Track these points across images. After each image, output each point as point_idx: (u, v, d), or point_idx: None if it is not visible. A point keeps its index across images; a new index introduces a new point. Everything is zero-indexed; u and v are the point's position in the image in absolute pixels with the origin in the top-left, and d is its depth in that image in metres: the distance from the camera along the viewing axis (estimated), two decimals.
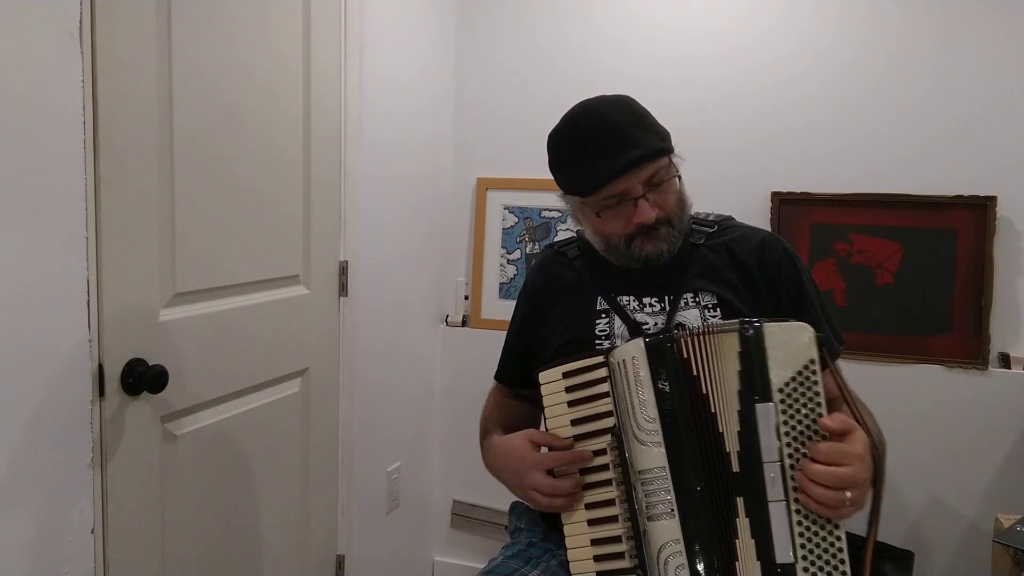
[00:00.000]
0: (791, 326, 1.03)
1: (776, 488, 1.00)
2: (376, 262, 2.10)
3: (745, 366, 1.03)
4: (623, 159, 1.17)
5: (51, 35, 1.16)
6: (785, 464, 1.00)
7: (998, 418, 2.02)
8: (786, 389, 1.01)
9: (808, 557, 0.99)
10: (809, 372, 1.00)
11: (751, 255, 1.28)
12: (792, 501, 1.00)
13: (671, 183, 1.23)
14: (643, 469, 1.06)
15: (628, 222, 1.22)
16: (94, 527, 1.28)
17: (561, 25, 2.39)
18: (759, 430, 1.01)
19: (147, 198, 1.37)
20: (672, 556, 1.03)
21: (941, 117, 2.07)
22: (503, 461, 1.20)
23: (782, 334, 1.02)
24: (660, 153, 1.19)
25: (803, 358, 1.01)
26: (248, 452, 1.68)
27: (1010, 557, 1.68)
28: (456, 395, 2.51)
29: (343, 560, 2.05)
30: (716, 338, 1.05)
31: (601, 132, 1.19)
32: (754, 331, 1.03)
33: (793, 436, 1.00)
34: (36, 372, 1.17)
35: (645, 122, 1.21)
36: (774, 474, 1.01)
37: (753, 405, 1.02)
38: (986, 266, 2.02)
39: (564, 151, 1.25)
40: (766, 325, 1.03)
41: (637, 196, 1.19)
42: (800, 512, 1.00)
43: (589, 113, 1.23)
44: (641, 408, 1.06)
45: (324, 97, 1.85)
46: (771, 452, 1.01)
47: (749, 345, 1.03)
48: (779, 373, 1.01)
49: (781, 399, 1.01)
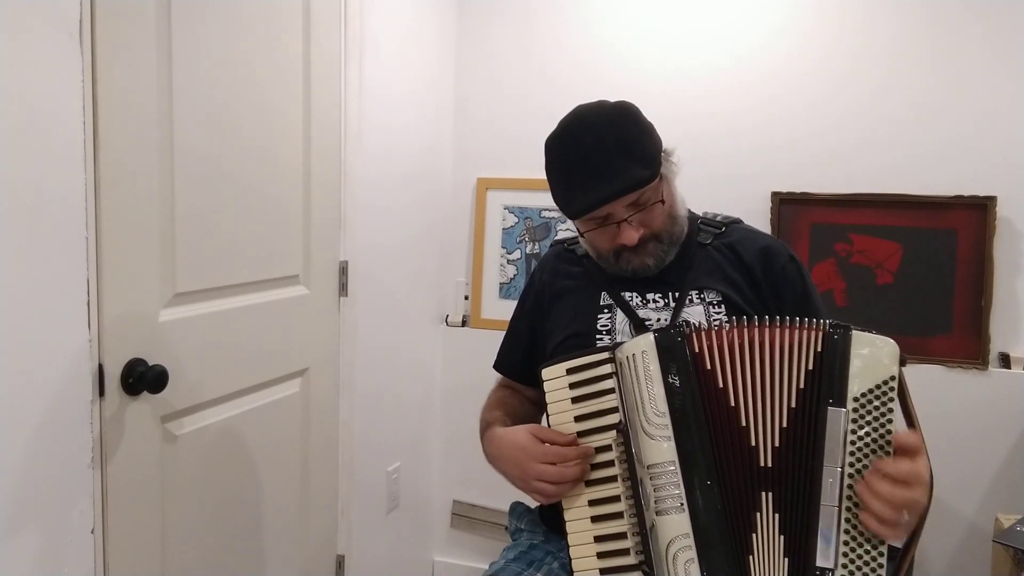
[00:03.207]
0: (878, 338, 1.02)
1: (831, 493, 1.00)
2: (376, 262, 2.10)
3: (823, 367, 1.02)
4: (600, 194, 1.17)
5: (51, 35, 1.16)
6: (844, 472, 1.00)
7: (998, 418, 2.02)
8: (862, 399, 1.00)
9: (848, 567, 0.99)
10: (887, 388, 1.00)
11: (755, 258, 1.29)
12: (844, 509, 0.99)
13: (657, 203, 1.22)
14: (652, 463, 1.05)
15: (614, 240, 1.23)
16: (94, 527, 1.28)
17: (561, 26, 2.39)
18: (826, 432, 1.00)
19: (147, 198, 1.37)
20: (681, 551, 1.03)
21: (941, 117, 2.06)
22: (506, 451, 1.19)
23: (869, 345, 1.02)
24: (640, 184, 1.18)
25: (884, 373, 1.00)
26: (248, 452, 1.68)
27: (1010, 557, 1.68)
28: (456, 395, 2.51)
29: (343, 560, 2.05)
30: (792, 333, 1.04)
31: (583, 160, 1.19)
32: (841, 334, 1.02)
33: (859, 446, 1.00)
34: (36, 372, 1.17)
35: (631, 146, 1.19)
36: (832, 478, 1.00)
37: (820, 407, 1.01)
38: (986, 266, 2.02)
39: (550, 169, 1.25)
40: (855, 332, 1.02)
41: (620, 220, 1.20)
42: (849, 522, 0.99)
43: (577, 132, 1.22)
44: (651, 402, 1.06)
45: (324, 97, 1.85)
46: (834, 457, 1.00)
47: (834, 347, 1.02)
48: (858, 382, 1.01)
49: (855, 407, 1.00)
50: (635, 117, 1.23)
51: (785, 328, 1.05)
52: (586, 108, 1.25)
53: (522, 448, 1.15)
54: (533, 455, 1.13)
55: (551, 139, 1.25)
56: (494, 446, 1.24)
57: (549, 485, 1.11)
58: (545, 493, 1.13)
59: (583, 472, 1.10)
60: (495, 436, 1.24)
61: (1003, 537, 1.67)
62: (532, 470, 1.13)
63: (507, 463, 1.19)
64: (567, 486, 1.11)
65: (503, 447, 1.21)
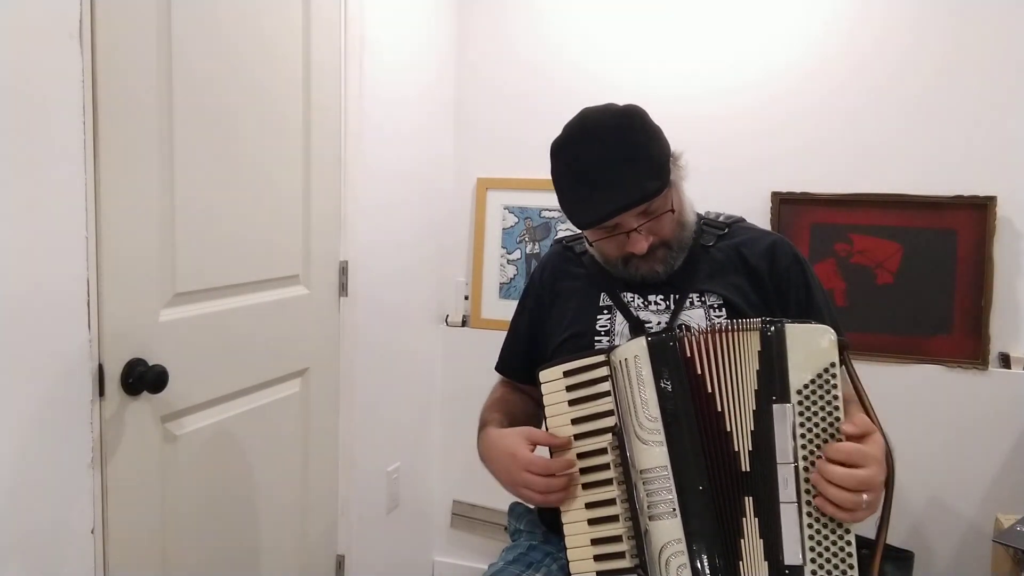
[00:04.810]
0: (813, 328, 1.02)
1: (788, 489, 1.00)
2: (376, 262, 2.10)
3: (764, 365, 1.02)
4: (609, 205, 1.16)
5: (51, 35, 1.16)
6: (799, 466, 1.00)
7: (998, 418, 2.02)
8: (804, 391, 1.00)
9: (817, 560, 0.99)
10: (829, 375, 1.00)
11: (761, 259, 1.28)
12: (804, 503, 1.00)
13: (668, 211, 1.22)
14: (645, 468, 1.06)
15: (622, 247, 1.23)
16: (94, 527, 1.28)
17: (561, 26, 2.39)
18: (775, 430, 1.01)
19: (147, 198, 1.37)
20: (674, 556, 1.03)
21: (941, 117, 2.06)
22: (496, 454, 1.20)
23: (804, 335, 1.02)
24: (650, 196, 1.16)
25: (824, 361, 1.00)
26: (248, 452, 1.68)
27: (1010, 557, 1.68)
28: (456, 395, 2.50)
29: (343, 560, 2.05)
30: (735, 335, 1.04)
31: (591, 170, 1.17)
32: (776, 331, 1.02)
33: (809, 439, 1.00)
34: (36, 372, 1.17)
35: (640, 155, 1.17)
36: (787, 475, 1.00)
37: (770, 405, 1.01)
38: (986, 266, 2.02)
39: (557, 178, 1.24)
40: (788, 325, 1.02)
41: (630, 229, 1.20)
42: (811, 515, 0.99)
43: (584, 140, 1.20)
44: (643, 407, 1.06)
45: (324, 97, 1.85)
46: (785, 453, 1.00)
47: (770, 344, 1.02)
48: (798, 374, 1.01)
49: (799, 400, 1.00)
50: (643, 123, 1.21)
51: (731, 332, 1.04)
52: (593, 113, 1.22)
53: (510, 455, 1.15)
54: (520, 463, 1.13)
55: (557, 146, 1.23)
56: (486, 448, 1.24)
57: (535, 494, 1.12)
58: (532, 501, 1.14)
59: (568, 483, 1.10)
60: (488, 437, 1.24)
61: (1003, 537, 1.67)
62: (519, 478, 1.13)
63: (496, 466, 1.20)
64: (554, 496, 1.11)
65: (493, 450, 1.21)
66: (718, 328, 1.06)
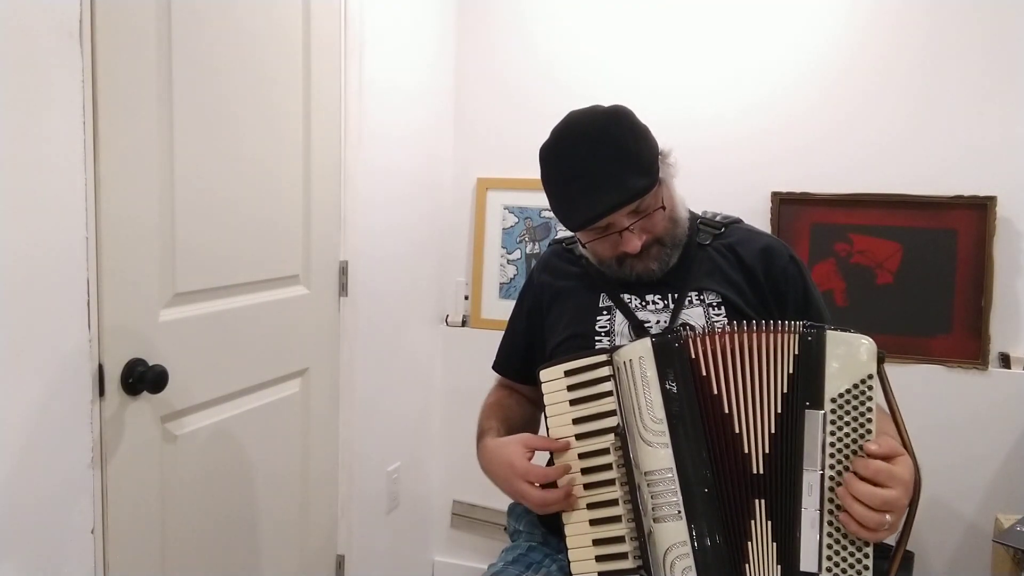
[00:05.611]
0: (855, 337, 1.00)
1: (812, 496, 0.99)
2: (376, 262, 2.10)
3: (801, 369, 1.01)
4: (599, 206, 1.16)
5: (51, 35, 1.16)
6: (825, 475, 0.99)
7: (998, 418, 2.02)
8: (839, 400, 0.99)
9: (833, 570, 0.98)
10: (865, 387, 0.98)
11: (756, 259, 1.28)
12: (827, 512, 0.99)
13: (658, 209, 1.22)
14: (649, 470, 1.05)
15: (616, 247, 1.23)
16: (94, 527, 1.28)
17: (561, 27, 2.38)
18: (805, 436, 0.99)
19: (147, 198, 1.37)
20: (679, 558, 1.03)
21: (942, 117, 2.06)
22: (495, 466, 1.20)
23: (844, 344, 1.00)
24: (639, 194, 1.17)
25: (862, 372, 0.98)
26: (248, 452, 1.68)
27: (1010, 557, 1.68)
28: (456, 395, 2.50)
29: (343, 560, 2.05)
30: (767, 337, 1.03)
31: (579, 172, 1.18)
32: (815, 336, 1.01)
33: (839, 448, 0.99)
34: (36, 372, 1.17)
35: (628, 154, 1.17)
36: (812, 482, 0.99)
37: (802, 410, 1.00)
38: (986, 266, 2.02)
39: (546, 181, 1.24)
40: (829, 332, 1.01)
41: (622, 228, 1.20)
42: (832, 524, 0.99)
43: (571, 142, 1.21)
44: (648, 408, 1.05)
45: (324, 97, 1.85)
46: (813, 460, 0.99)
47: (809, 348, 1.01)
48: (835, 383, 0.99)
49: (832, 408, 0.99)
50: (629, 122, 1.21)
51: (764, 332, 1.03)
52: (579, 116, 1.23)
53: (508, 465, 1.15)
54: (519, 473, 1.13)
55: (545, 149, 1.24)
56: (485, 460, 1.24)
57: (535, 504, 1.12)
58: (532, 509, 1.14)
59: (567, 494, 1.09)
60: (487, 448, 1.24)
61: (1003, 537, 1.67)
62: (517, 488, 1.13)
63: (496, 477, 1.20)
64: (554, 505, 1.10)
65: (493, 462, 1.21)
66: (743, 329, 1.04)
